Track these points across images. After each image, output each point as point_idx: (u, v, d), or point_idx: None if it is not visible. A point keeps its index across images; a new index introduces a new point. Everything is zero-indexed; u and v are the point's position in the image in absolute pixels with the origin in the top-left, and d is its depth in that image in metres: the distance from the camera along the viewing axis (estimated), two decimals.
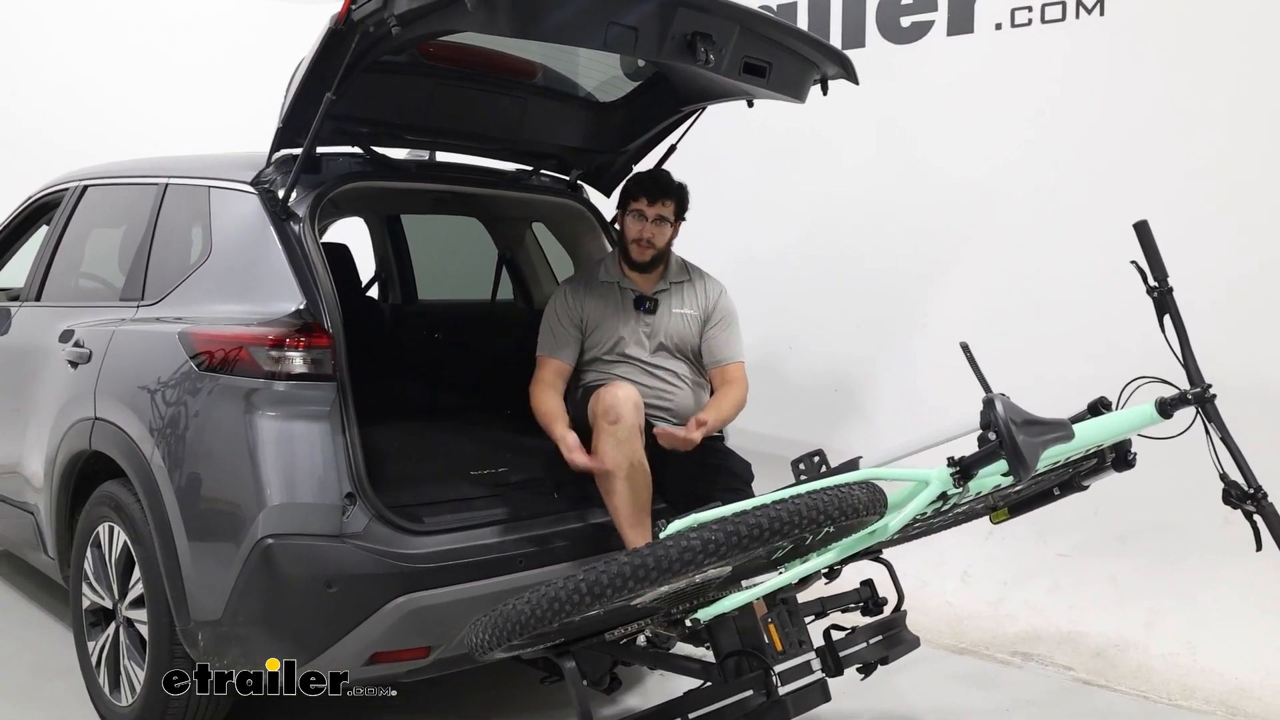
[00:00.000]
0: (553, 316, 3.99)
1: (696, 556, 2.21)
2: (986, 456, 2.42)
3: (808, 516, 2.28)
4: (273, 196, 3.41)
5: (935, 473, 2.51)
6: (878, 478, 2.55)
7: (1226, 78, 4.59)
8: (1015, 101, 5.12)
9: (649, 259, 3.92)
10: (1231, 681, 4.33)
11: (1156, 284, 2.96)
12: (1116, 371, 3.10)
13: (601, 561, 2.33)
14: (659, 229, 3.87)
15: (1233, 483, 2.83)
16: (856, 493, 2.38)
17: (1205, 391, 2.84)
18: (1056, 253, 5.01)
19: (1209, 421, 2.85)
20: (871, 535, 2.60)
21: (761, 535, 2.24)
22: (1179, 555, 4.72)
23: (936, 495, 2.51)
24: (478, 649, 2.60)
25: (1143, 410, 2.85)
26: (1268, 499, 2.78)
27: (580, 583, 2.28)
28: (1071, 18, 4.95)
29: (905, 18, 5.48)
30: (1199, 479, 3.53)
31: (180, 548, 3.19)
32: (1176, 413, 2.85)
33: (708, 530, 2.25)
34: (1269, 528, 2.75)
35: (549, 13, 2.94)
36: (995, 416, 2.33)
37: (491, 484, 3.71)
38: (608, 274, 4.02)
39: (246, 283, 3.39)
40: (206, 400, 3.18)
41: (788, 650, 2.70)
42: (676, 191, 3.91)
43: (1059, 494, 3.19)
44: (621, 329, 3.94)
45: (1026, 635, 4.86)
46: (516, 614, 2.41)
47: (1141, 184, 4.74)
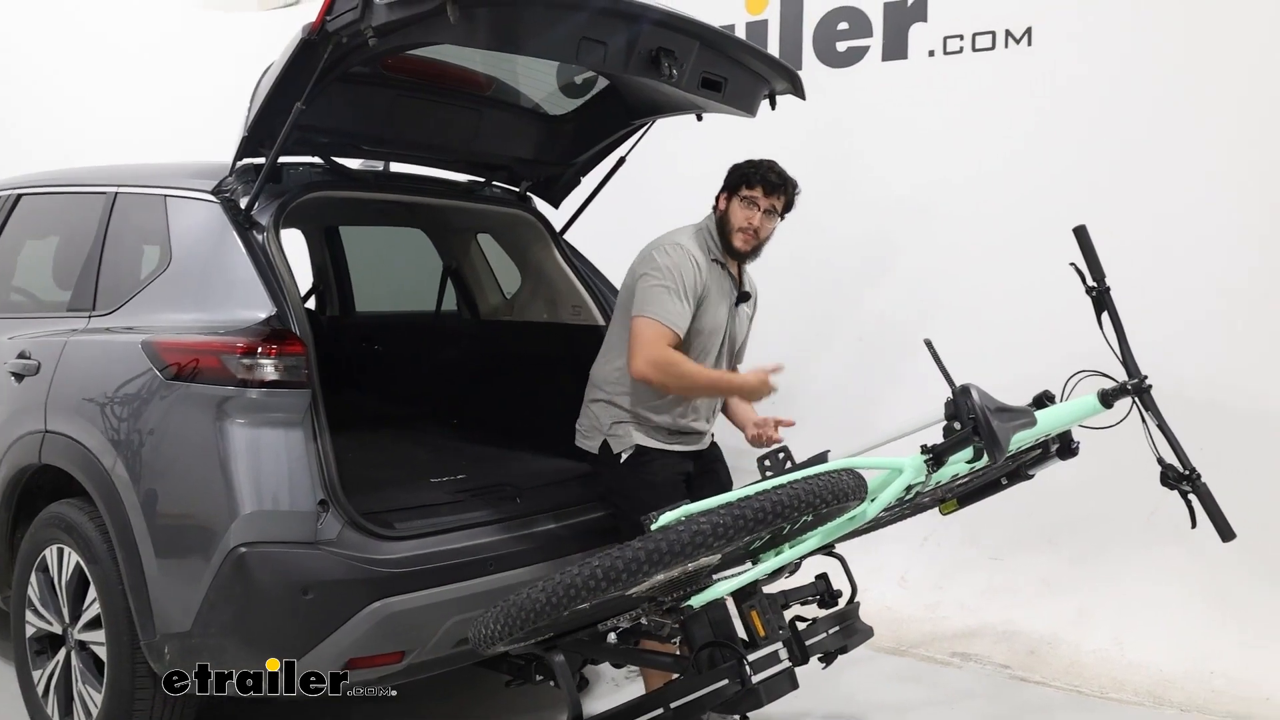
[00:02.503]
0: (675, 282, 3.54)
1: (707, 539, 2.27)
2: (959, 443, 2.55)
3: (805, 500, 2.37)
4: (234, 205, 3.40)
5: (908, 461, 2.62)
6: (853, 466, 2.64)
7: (1144, 104, 4.87)
8: (947, 124, 5.34)
9: (750, 249, 3.71)
10: (1157, 673, 4.54)
11: (1095, 284, 3.12)
12: (1054, 367, 3.25)
13: (615, 548, 2.38)
14: (767, 221, 3.68)
15: (1169, 466, 2.99)
16: (844, 478, 2.48)
17: (1142, 382, 3.01)
18: (991, 261, 5.22)
19: (1146, 410, 3.01)
20: (851, 521, 2.70)
21: (764, 518, 2.31)
22: (1105, 551, 4.95)
23: (910, 482, 2.62)
24: (484, 641, 2.62)
25: (1086, 401, 3.02)
26: (1201, 479, 2.95)
27: (596, 568, 2.33)
28: (1001, 47, 5.19)
29: (841, 42, 5.67)
30: (1122, 475, 3.72)
31: (145, 558, 3.14)
32: (1116, 403, 3.04)
33: (715, 515, 2.32)
34: (1203, 506, 2.91)
35: (527, 27, 3.02)
36: (972, 404, 2.46)
37: (454, 490, 3.73)
38: (714, 252, 3.72)
39: (210, 292, 3.36)
40: (174, 409, 3.15)
41: (770, 636, 2.77)
42: (791, 185, 3.71)
43: (1006, 483, 3.32)
44: (722, 315, 3.73)
45: (963, 635, 5.02)
46: (531, 603, 2.43)
47: (1065, 201, 4.97)
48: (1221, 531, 2.85)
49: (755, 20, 5.93)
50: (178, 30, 8.46)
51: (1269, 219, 4.63)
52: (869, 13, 5.59)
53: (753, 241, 3.69)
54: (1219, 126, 4.73)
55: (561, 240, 4.42)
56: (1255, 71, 4.65)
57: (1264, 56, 4.63)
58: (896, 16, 5.48)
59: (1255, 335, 4.65)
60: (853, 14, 5.64)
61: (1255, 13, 4.65)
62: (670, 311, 3.51)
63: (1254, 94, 4.66)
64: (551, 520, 3.65)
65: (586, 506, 3.77)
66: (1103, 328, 3.07)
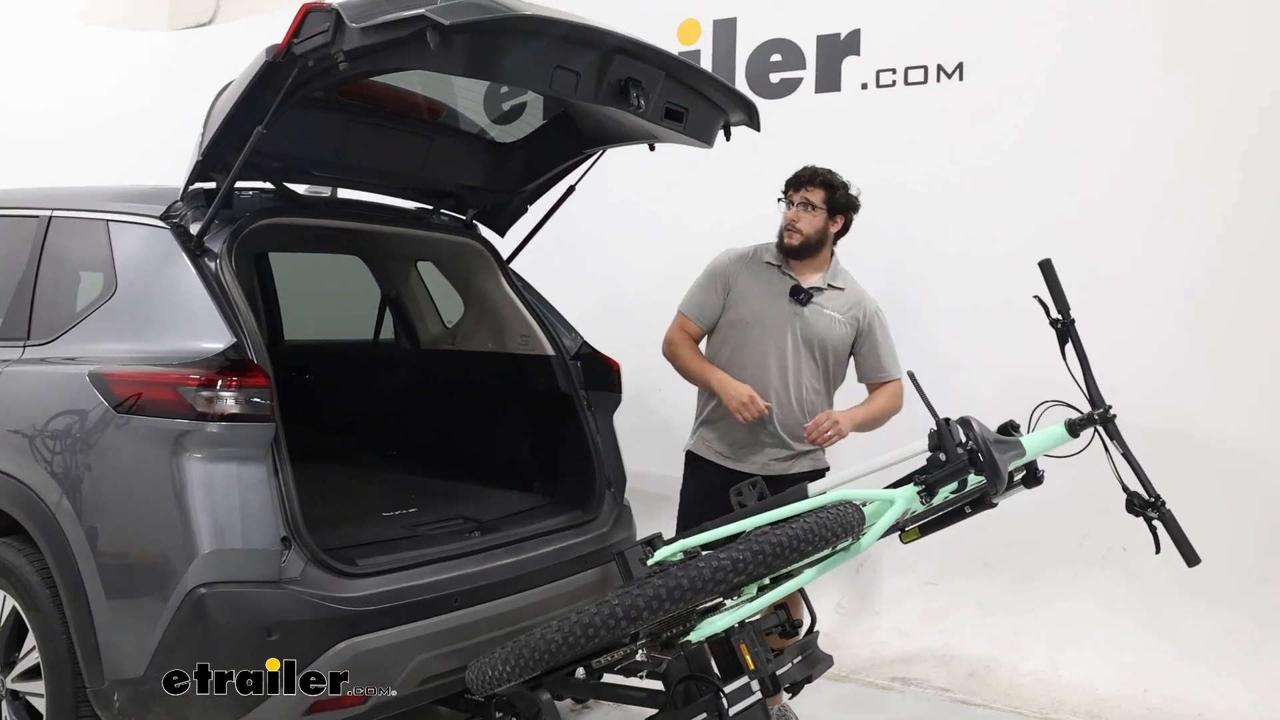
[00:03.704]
0: (705, 276, 4.16)
1: (728, 575, 2.25)
2: (953, 474, 2.57)
3: (819, 534, 2.36)
4: (185, 232, 3.28)
5: (901, 492, 2.64)
6: (850, 499, 2.65)
7: (1072, 138, 5.01)
8: (880, 157, 5.40)
9: (797, 244, 4.03)
10: (1093, 693, 4.65)
11: (1060, 316, 3.18)
12: (1012, 398, 3.32)
13: (635, 585, 2.34)
14: (805, 214, 4.01)
15: (1134, 493, 3.05)
16: (850, 512, 2.48)
17: (1106, 412, 3.08)
18: (921, 293, 5.30)
19: (1110, 439, 3.07)
20: (845, 554, 2.71)
21: (783, 552, 2.31)
22: (1039, 575, 5.05)
23: (901, 513, 2.63)
24: (489, 683, 2.55)
25: (1055, 431, 3.07)
26: (1166, 505, 3.02)
27: (616, 607, 2.28)
28: (933, 81, 5.30)
29: (775, 74, 5.73)
30: (1055, 501, 3.80)
31: (94, 600, 2.99)
32: (1082, 432, 3.10)
33: (736, 550, 2.30)
34: (1169, 532, 2.97)
35: (503, 55, 2.98)
36: (974, 435, 2.48)
37: (409, 524, 3.65)
38: (772, 257, 4.12)
39: (161, 322, 3.22)
40: (125, 444, 3.01)
41: (759, 669, 2.76)
42: (823, 178, 4.05)
43: (970, 511, 3.36)
44: (770, 309, 4.04)
45: (902, 660, 5.07)
46: (546, 643, 2.38)
47: (999, 231, 5.10)
48: (1187, 557, 2.92)
49: (688, 50, 5.95)
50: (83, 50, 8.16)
51: (1205, 246, 4.76)
52: (802, 45, 5.66)
53: (797, 236, 4.02)
54: (1150, 157, 4.87)
55: (509, 269, 4.36)
56: (1190, 98, 4.79)
57: (1197, 84, 4.78)
58: (829, 49, 5.56)
59: (1180, 361, 4.80)
60: (786, 46, 5.70)
61: (1184, 42, 4.81)
62: (690, 302, 4.16)
63: (1191, 121, 4.79)
64: (510, 554, 3.57)
65: (543, 539, 3.71)
66: (1066, 359, 3.12)
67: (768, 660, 2.81)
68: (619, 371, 4.26)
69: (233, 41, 7.34)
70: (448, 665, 3.19)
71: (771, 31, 5.77)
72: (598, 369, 4.21)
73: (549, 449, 4.24)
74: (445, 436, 4.61)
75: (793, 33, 5.71)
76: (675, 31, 6.02)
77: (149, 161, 5.89)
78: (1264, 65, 4.65)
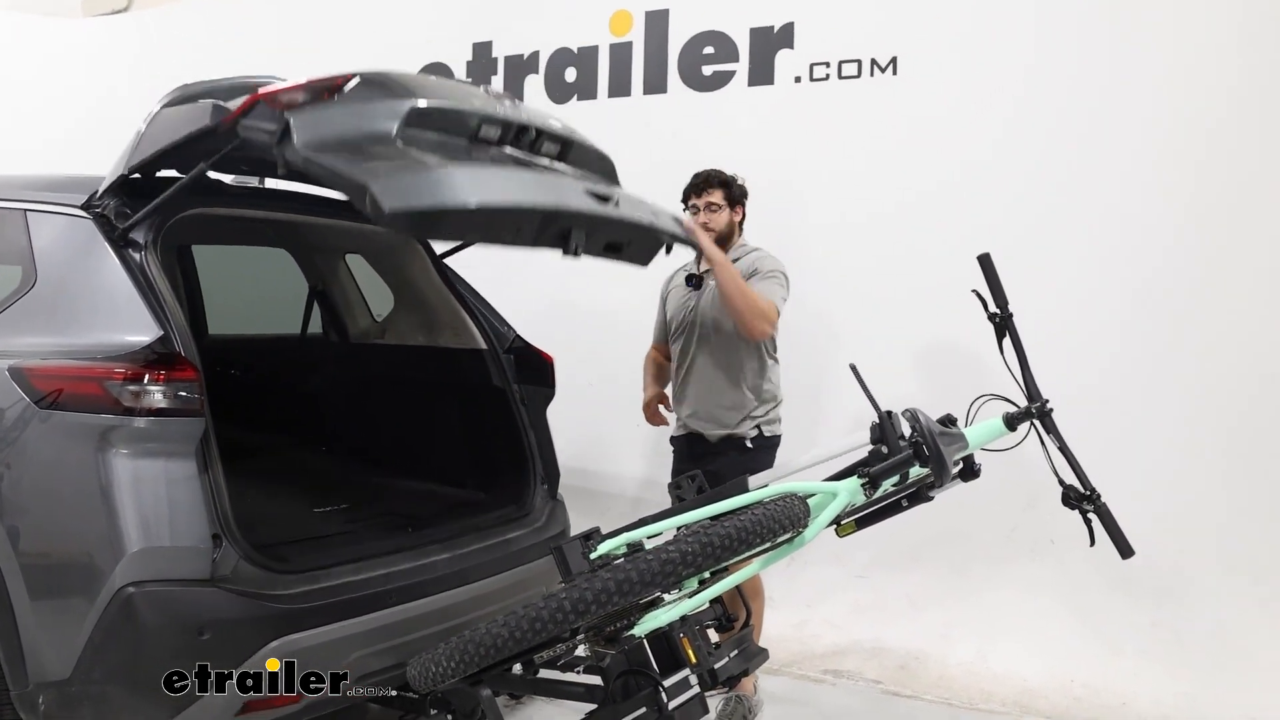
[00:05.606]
0: (659, 303, 4.65)
1: (677, 568, 2.24)
2: (897, 466, 2.58)
3: (767, 525, 2.36)
4: (108, 222, 3.17)
5: (844, 484, 2.64)
6: (794, 491, 2.65)
7: (1007, 132, 5.09)
8: (813, 150, 5.44)
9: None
10: (1021, 684, 4.72)
11: (998, 310, 3.21)
12: (950, 392, 3.35)
13: (583, 579, 2.31)
14: (712, 215, 4.32)
15: (1070, 487, 3.08)
16: (795, 505, 2.48)
17: (1044, 406, 3.10)
18: (854, 283, 5.34)
19: (1047, 433, 3.10)
20: (790, 546, 2.71)
21: (731, 544, 2.30)
22: (968, 568, 5.12)
23: (844, 505, 2.64)
24: (431, 679, 2.51)
25: (993, 424, 3.08)
26: (1102, 499, 3.05)
27: (564, 600, 2.26)
28: (867, 75, 5.33)
29: (707, 67, 5.72)
30: (984, 494, 3.83)
31: (17, 601, 2.89)
32: (1019, 426, 3.12)
33: (683, 543, 2.29)
34: (1104, 525, 2.99)
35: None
36: (920, 428, 2.49)
37: (342, 520, 3.60)
38: (691, 263, 4.46)
39: (85, 314, 3.11)
40: (48, 440, 2.91)
41: (701, 662, 2.75)
42: (719, 179, 4.34)
43: (907, 505, 3.38)
44: (680, 310, 4.44)
45: (834, 653, 5.11)
46: (492, 639, 2.35)
47: (931, 224, 5.15)
48: (1121, 549, 2.94)
49: (619, 42, 5.93)
50: None
51: (1144, 241, 4.85)
52: (735, 38, 5.67)
53: (712, 236, 4.24)
54: (1091, 150, 4.94)
55: (441, 262, 4.30)
56: (1134, 93, 4.86)
57: (1141, 79, 4.85)
58: (763, 42, 5.57)
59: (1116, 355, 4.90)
60: (718, 38, 5.70)
61: (1129, 35, 4.88)
62: (655, 326, 4.68)
63: (1135, 115, 4.86)
64: (444, 550, 3.53)
65: (478, 535, 3.68)
66: (1003, 353, 3.15)
67: (709, 654, 2.80)
68: (552, 365, 4.22)
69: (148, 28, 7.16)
70: (385, 662, 3.15)
71: (704, 24, 5.77)
72: (531, 363, 4.18)
73: (482, 444, 4.19)
74: (377, 431, 4.54)
75: (726, 25, 5.71)
76: (607, 22, 5.99)
77: (67, 149, 5.71)
78: (1216, 58, 4.73)
